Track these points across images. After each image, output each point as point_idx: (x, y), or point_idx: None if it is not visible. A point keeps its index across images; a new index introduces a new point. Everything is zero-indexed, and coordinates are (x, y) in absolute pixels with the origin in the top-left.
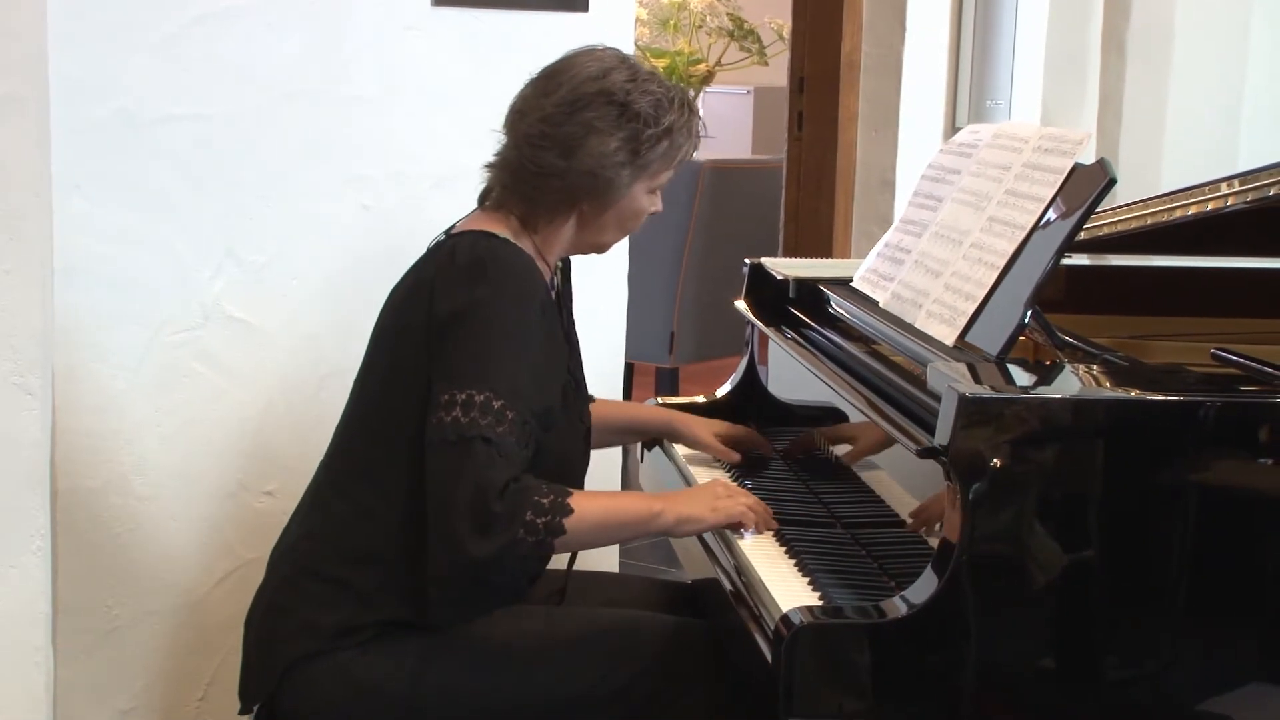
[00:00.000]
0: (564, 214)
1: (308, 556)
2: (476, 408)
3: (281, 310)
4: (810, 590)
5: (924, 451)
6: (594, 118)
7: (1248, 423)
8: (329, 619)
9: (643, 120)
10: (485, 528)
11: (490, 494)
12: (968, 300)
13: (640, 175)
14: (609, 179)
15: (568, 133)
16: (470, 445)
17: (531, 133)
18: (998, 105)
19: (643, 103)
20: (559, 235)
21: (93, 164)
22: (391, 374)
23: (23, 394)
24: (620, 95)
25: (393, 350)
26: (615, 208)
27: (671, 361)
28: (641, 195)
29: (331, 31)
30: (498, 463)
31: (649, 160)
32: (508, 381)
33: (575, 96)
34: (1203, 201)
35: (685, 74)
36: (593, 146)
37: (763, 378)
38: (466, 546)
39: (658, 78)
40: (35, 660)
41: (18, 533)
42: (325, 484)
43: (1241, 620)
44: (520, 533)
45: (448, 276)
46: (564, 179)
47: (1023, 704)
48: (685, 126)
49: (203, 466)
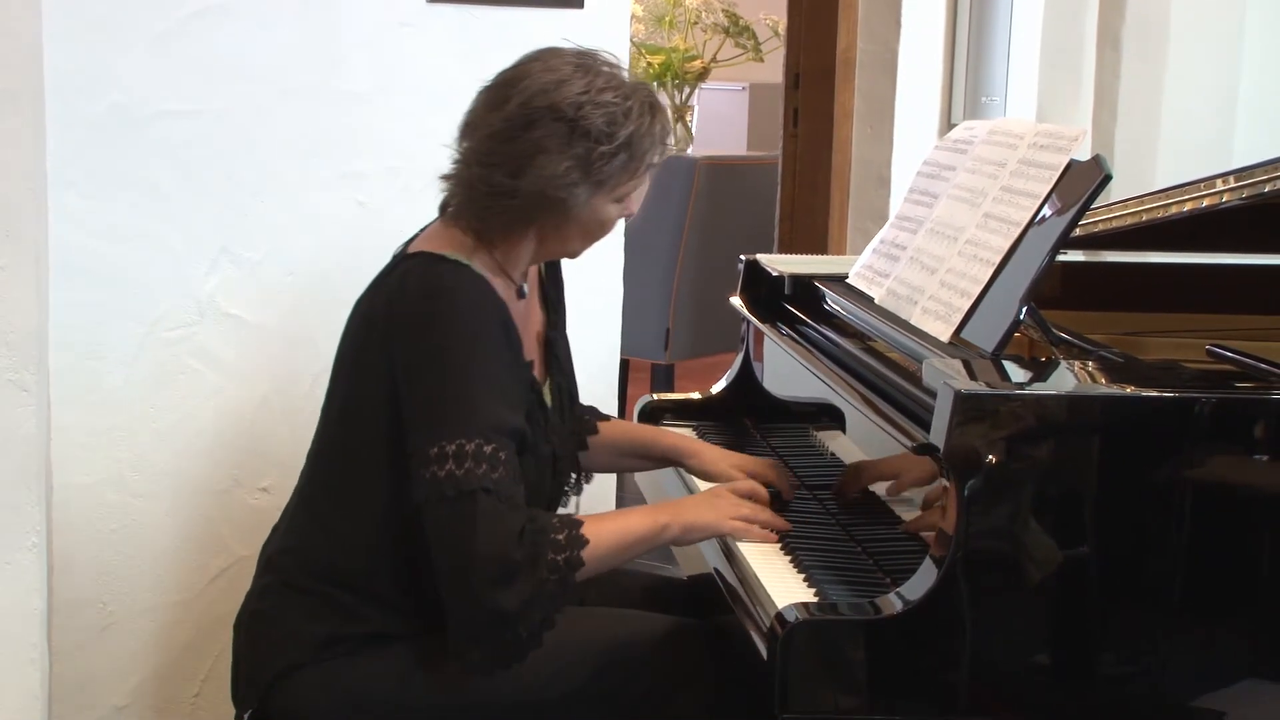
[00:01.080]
0: (519, 231)
1: (288, 570)
2: (470, 457)
3: (276, 306)
4: (806, 587)
5: (920, 448)
6: (542, 136)
7: (1243, 419)
8: (315, 629)
9: (594, 138)
10: (509, 579)
11: (509, 545)
12: (963, 297)
13: (599, 191)
14: (561, 199)
15: (516, 150)
16: (474, 499)
17: (481, 149)
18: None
19: (595, 118)
20: (519, 250)
21: (87, 160)
22: (353, 404)
23: (18, 390)
24: (570, 112)
25: (352, 381)
26: (576, 222)
27: (667, 358)
28: (604, 207)
29: (326, 28)
30: (504, 512)
31: (605, 176)
32: (491, 420)
33: (524, 113)
34: (1198, 198)
35: (681, 70)
36: (542, 166)
37: (758, 374)
38: (495, 601)
39: (616, 83)
40: (30, 657)
41: (12, 529)
42: (300, 502)
43: (1236, 616)
44: (544, 573)
45: (400, 317)
46: (514, 198)
47: (1018, 700)
48: (647, 134)
49: (197, 463)
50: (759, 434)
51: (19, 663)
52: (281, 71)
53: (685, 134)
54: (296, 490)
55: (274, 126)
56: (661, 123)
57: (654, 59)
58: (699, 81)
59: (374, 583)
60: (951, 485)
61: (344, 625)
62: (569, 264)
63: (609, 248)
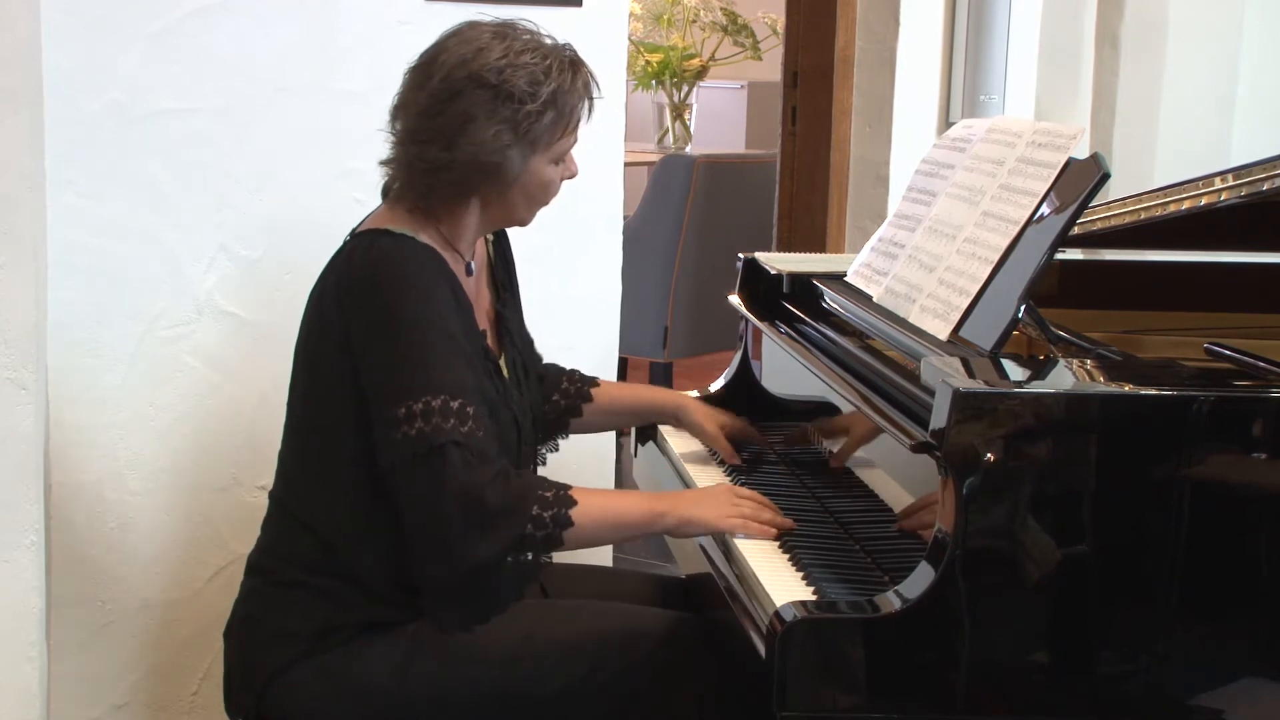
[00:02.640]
0: (462, 202)
1: (271, 566)
2: (436, 413)
3: (274, 305)
4: (804, 585)
5: (918, 446)
6: (468, 105)
7: (1241, 417)
8: (303, 624)
9: (518, 99)
10: (484, 528)
11: (481, 492)
12: (961, 295)
13: (533, 151)
14: (497, 164)
15: (445, 124)
16: (443, 452)
17: (412, 128)
18: (992, 100)
19: (517, 80)
20: (465, 222)
21: (86, 158)
22: (315, 391)
23: (16, 389)
24: (492, 78)
25: (312, 366)
26: (517, 186)
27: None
28: (543, 168)
29: (324, 26)
30: (475, 463)
31: (537, 135)
32: (454, 378)
33: (447, 86)
34: (1196, 196)
35: (679, 69)
36: (473, 134)
37: (756, 372)
38: (466, 551)
39: (534, 44)
40: (29, 655)
41: (11, 527)
42: (275, 496)
43: (1235, 614)
44: (528, 527)
45: (349, 289)
46: (451, 171)
47: (1016, 698)
48: (571, 90)
49: (196, 461)
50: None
51: (17, 661)
52: (280, 70)
53: (684, 132)
54: (270, 493)
55: (272, 124)
56: (584, 78)
57: (652, 57)
58: (697, 80)
59: (357, 569)
60: (950, 483)
61: (333, 616)
62: (566, 261)
63: (607, 246)
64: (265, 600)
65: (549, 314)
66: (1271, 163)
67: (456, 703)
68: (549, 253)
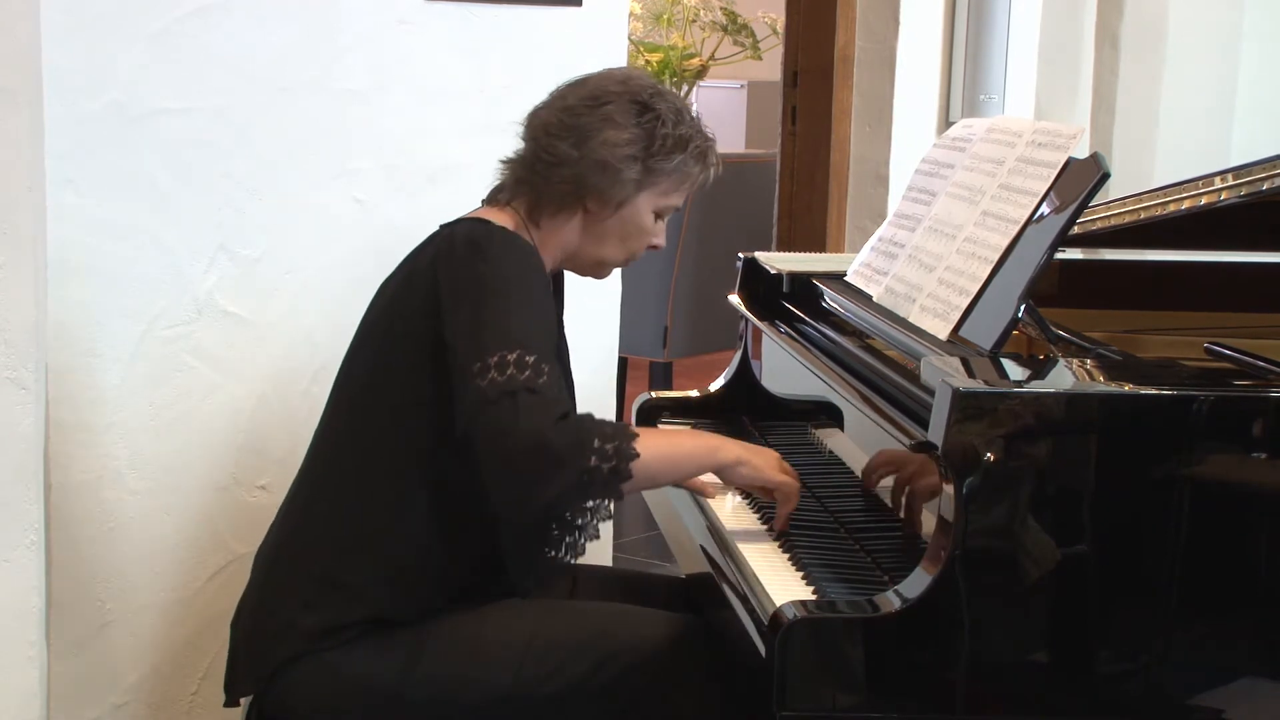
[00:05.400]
0: (569, 208)
1: (292, 556)
2: (512, 365)
3: (275, 304)
4: (804, 584)
5: (918, 446)
6: (614, 110)
7: (1241, 417)
8: (312, 620)
9: (660, 120)
10: (552, 466)
11: (546, 433)
12: (961, 295)
13: (648, 180)
14: (616, 170)
15: (585, 123)
16: (515, 398)
17: (550, 122)
18: (991, 99)
19: (663, 106)
20: (560, 234)
21: (85, 158)
22: (386, 369)
23: (16, 388)
24: (644, 96)
25: (385, 343)
26: (618, 215)
27: (665, 356)
28: (647, 210)
29: (324, 25)
30: (543, 406)
31: (660, 166)
32: (534, 338)
33: (599, 92)
34: (1196, 195)
35: (679, 68)
36: (608, 136)
37: (756, 372)
38: (535, 493)
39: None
40: (28, 655)
41: (10, 527)
42: (307, 484)
43: (1235, 614)
44: (593, 460)
45: (447, 259)
46: (574, 168)
47: (1015, 698)
48: (701, 149)
49: (196, 460)
50: (757, 432)
51: (17, 661)
52: (280, 69)
53: None
54: (293, 489)
55: (272, 124)
56: (715, 155)
57: (652, 57)
58: (697, 79)
59: (388, 551)
60: (950, 483)
61: (342, 613)
62: None
63: None
64: (281, 592)
65: None
66: (1271, 163)
67: (459, 703)
68: None
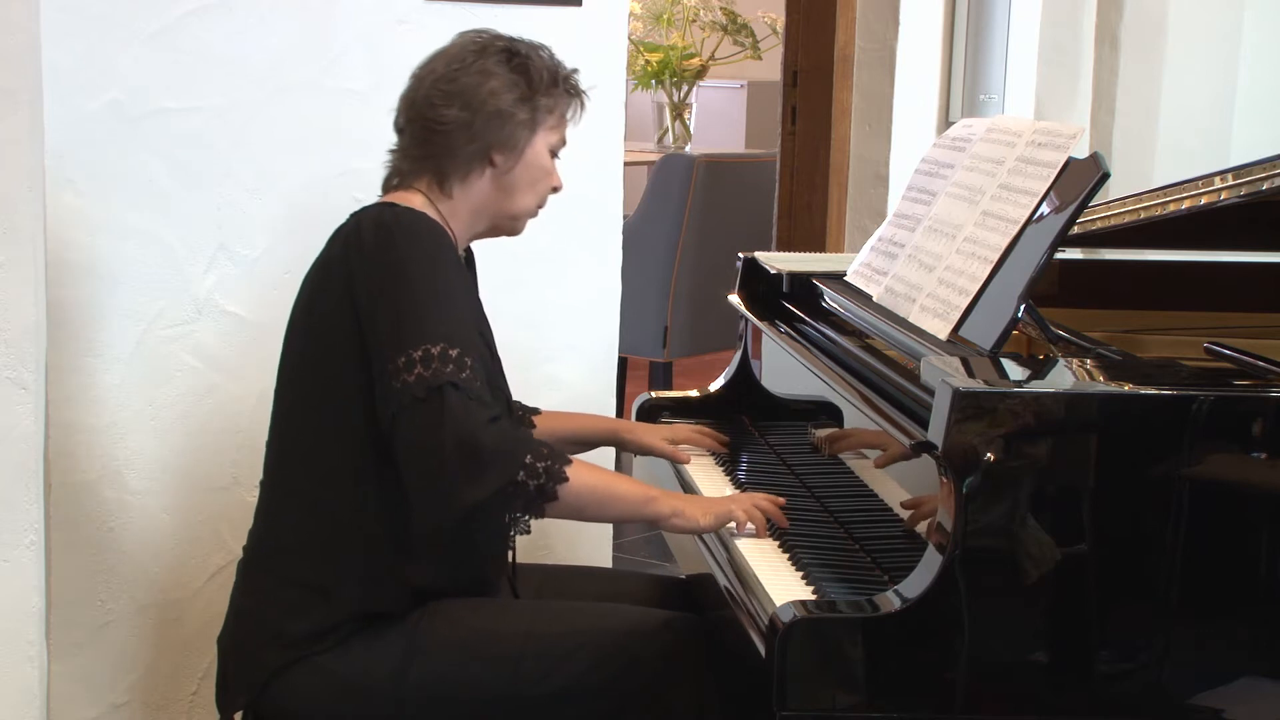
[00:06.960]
0: (477, 169)
1: (267, 564)
2: (435, 359)
3: (274, 304)
4: (804, 584)
5: (918, 446)
6: (487, 64)
7: (1241, 417)
8: (299, 625)
9: (529, 60)
10: (479, 469)
11: (476, 435)
12: (961, 294)
13: (538, 119)
14: (511, 114)
15: (466, 84)
16: (441, 394)
17: (430, 95)
18: (991, 99)
19: (523, 48)
20: (473, 197)
21: (85, 157)
22: (315, 362)
23: (16, 388)
24: (503, 43)
25: (312, 338)
26: (523, 161)
27: (665, 356)
28: (544, 149)
29: (324, 25)
30: (472, 406)
31: (543, 102)
32: (456, 330)
33: (463, 54)
34: (1196, 195)
35: (679, 68)
36: (492, 86)
37: (756, 372)
38: (460, 494)
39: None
40: (29, 655)
41: (11, 527)
42: (269, 490)
43: (1234, 614)
44: (521, 475)
45: (358, 250)
46: (470, 128)
47: (1016, 697)
48: (569, 78)
49: (196, 460)
50: (757, 432)
51: (17, 660)
52: (279, 69)
53: (684, 132)
54: (259, 499)
55: (272, 124)
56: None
57: (652, 57)
58: (697, 79)
59: (359, 549)
60: (949, 483)
61: (328, 614)
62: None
63: (607, 245)
64: (264, 601)
65: (549, 313)
66: (1271, 162)
67: (457, 702)
68: (549, 252)
